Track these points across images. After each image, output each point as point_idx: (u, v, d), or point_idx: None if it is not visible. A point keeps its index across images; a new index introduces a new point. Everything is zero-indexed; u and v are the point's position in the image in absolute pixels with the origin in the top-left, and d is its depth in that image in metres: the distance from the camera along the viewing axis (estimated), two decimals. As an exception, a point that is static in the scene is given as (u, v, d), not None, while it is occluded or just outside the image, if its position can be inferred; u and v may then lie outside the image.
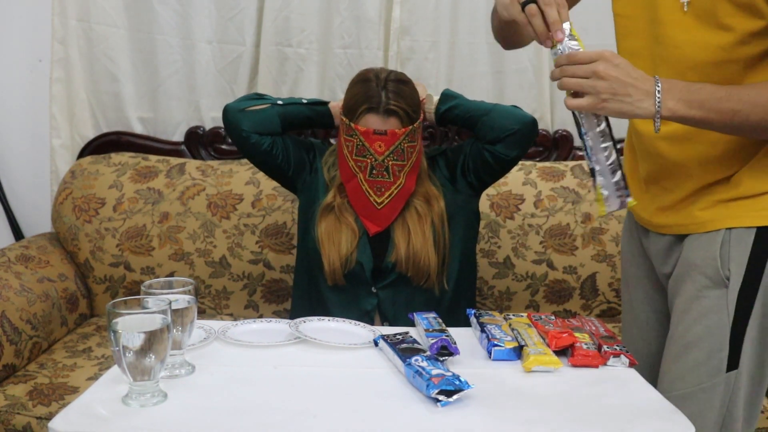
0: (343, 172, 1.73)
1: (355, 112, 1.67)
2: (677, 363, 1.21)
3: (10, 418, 1.70)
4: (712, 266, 1.18)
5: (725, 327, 1.16)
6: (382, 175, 1.67)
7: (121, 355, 1.00)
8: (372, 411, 1.05)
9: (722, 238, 1.18)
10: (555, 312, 2.21)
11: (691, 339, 1.19)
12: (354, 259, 1.71)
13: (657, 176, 1.29)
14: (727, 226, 1.18)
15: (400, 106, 1.65)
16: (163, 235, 2.21)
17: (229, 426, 0.99)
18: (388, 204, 1.69)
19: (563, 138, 2.37)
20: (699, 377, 1.18)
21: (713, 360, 1.17)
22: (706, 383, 1.17)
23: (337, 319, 1.42)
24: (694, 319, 1.20)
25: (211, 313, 2.24)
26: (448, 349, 1.23)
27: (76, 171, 2.30)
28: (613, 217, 2.21)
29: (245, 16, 2.33)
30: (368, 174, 1.67)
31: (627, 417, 1.04)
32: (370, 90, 1.67)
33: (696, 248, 1.22)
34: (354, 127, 1.65)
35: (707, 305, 1.18)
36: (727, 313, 1.17)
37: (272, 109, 1.77)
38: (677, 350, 1.22)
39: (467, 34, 2.34)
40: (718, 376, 1.17)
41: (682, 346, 1.20)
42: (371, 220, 1.71)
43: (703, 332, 1.18)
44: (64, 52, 2.34)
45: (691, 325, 1.20)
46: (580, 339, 1.26)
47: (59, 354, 1.95)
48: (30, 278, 2.02)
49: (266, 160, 1.79)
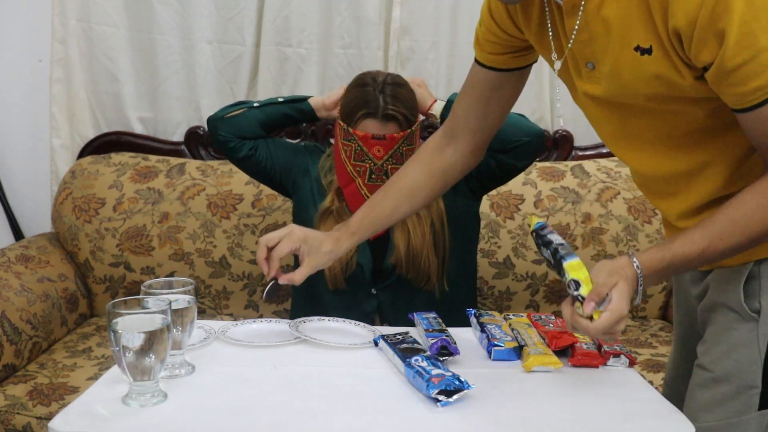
0: (340, 176, 1.72)
1: (353, 117, 1.66)
2: (704, 393, 1.16)
3: (10, 418, 1.70)
4: (736, 301, 1.14)
5: (757, 363, 1.11)
6: (381, 179, 1.65)
7: (121, 355, 1.00)
8: (372, 411, 1.05)
9: (749, 271, 1.13)
10: (555, 312, 2.21)
11: (720, 373, 1.14)
12: (354, 262, 1.71)
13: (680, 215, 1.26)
14: (755, 259, 1.13)
15: (398, 110, 1.65)
16: (163, 235, 2.21)
17: (229, 426, 0.99)
18: None
19: (563, 138, 2.38)
20: (726, 412, 1.13)
21: (743, 396, 1.12)
22: (733, 419, 1.12)
23: (337, 319, 1.42)
24: (723, 351, 1.15)
25: (211, 313, 2.24)
26: (448, 349, 1.23)
27: (76, 171, 2.30)
28: (613, 217, 2.21)
29: (245, 16, 2.33)
30: (367, 178, 1.67)
31: (627, 417, 1.04)
32: (368, 95, 1.67)
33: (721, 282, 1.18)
34: (352, 132, 1.65)
35: (737, 338, 1.13)
36: (758, 348, 1.12)
37: (249, 113, 1.78)
38: (704, 380, 1.17)
39: (467, 34, 2.33)
40: (748, 413, 1.12)
41: (710, 378, 1.16)
42: None
43: (732, 367, 1.13)
44: (64, 52, 2.34)
45: (719, 357, 1.15)
46: (580, 339, 1.26)
47: (59, 354, 1.95)
48: (30, 278, 2.02)
49: (250, 164, 1.81)
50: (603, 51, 1.09)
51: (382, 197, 1.41)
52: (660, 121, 1.12)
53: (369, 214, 1.40)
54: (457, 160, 1.38)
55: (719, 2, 0.93)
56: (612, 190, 2.25)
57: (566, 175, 2.27)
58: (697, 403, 1.17)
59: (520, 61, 1.29)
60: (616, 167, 2.30)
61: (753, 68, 0.96)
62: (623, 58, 1.06)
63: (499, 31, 1.25)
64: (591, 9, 1.07)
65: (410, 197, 1.39)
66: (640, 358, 1.93)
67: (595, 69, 1.12)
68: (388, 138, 1.64)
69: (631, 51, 1.05)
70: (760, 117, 1.00)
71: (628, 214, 2.22)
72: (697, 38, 0.97)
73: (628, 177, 2.26)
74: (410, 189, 1.39)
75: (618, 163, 2.32)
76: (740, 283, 1.13)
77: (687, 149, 1.13)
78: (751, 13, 0.93)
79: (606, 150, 2.38)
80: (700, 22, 0.95)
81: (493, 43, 1.27)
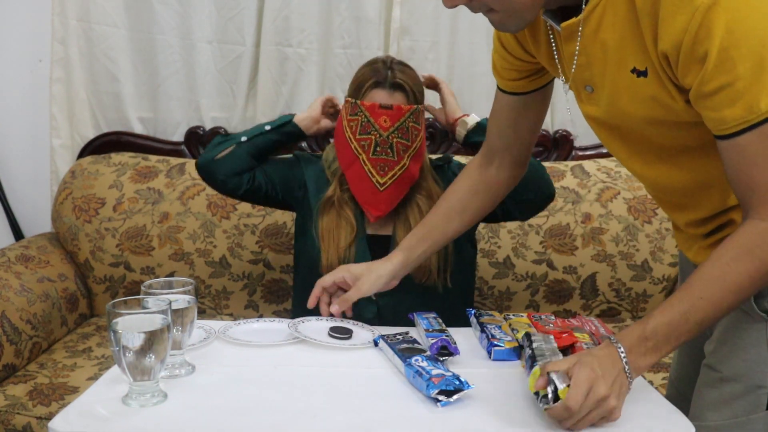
0: (342, 158, 1.72)
1: (361, 89, 1.69)
2: (711, 393, 1.16)
3: (10, 418, 1.70)
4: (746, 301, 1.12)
5: (766, 362, 1.11)
6: (386, 152, 1.66)
7: (121, 355, 1.00)
8: (372, 411, 1.05)
9: None
10: (555, 312, 2.21)
11: (729, 373, 1.14)
12: (352, 255, 1.71)
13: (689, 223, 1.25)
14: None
15: (406, 81, 1.68)
16: (163, 235, 2.21)
17: (229, 426, 0.99)
18: (391, 185, 1.68)
19: (563, 138, 2.38)
20: (734, 411, 1.13)
21: (751, 395, 1.12)
22: (741, 418, 1.12)
23: (335, 320, 1.42)
24: (731, 351, 1.15)
25: (211, 313, 2.24)
26: (448, 349, 1.23)
27: (76, 171, 2.30)
28: (613, 217, 2.21)
29: (245, 16, 2.33)
30: (372, 152, 1.67)
31: (627, 417, 1.04)
32: (377, 68, 1.71)
33: None
34: (359, 103, 1.67)
35: (746, 338, 1.13)
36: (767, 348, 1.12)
37: (239, 149, 1.78)
38: (712, 380, 1.17)
39: (467, 34, 2.35)
40: (756, 412, 1.12)
41: (718, 378, 1.15)
42: (372, 204, 1.70)
43: (741, 367, 1.13)
44: (64, 52, 2.34)
45: (728, 357, 1.15)
46: (580, 339, 1.25)
47: (59, 354, 1.96)
48: (30, 278, 2.02)
49: (252, 195, 1.81)
50: (601, 74, 1.10)
51: (432, 215, 1.46)
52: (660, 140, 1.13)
53: (420, 231, 1.45)
54: (502, 175, 1.43)
55: (702, 27, 0.94)
56: (612, 190, 2.25)
57: (566, 175, 2.27)
58: (705, 403, 1.17)
59: (540, 82, 1.32)
60: (616, 167, 2.30)
61: (729, 95, 0.96)
62: (621, 80, 1.07)
63: (510, 57, 1.28)
64: (588, 33, 1.08)
65: (461, 213, 1.44)
66: (640, 358, 1.93)
67: (594, 92, 1.13)
68: (395, 108, 1.65)
69: (628, 73, 1.06)
70: (735, 147, 1.00)
71: (628, 214, 2.22)
72: (683, 62, 0.98)
73: (628, 177, 2.26)
74: (461, 205, 1.44)
75: (618, 163, 2.31)
76: None
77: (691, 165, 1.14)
78: (732, 40, 0.94)
79: (606, 150, 2.38)
80: (685, 47, 0.96)
81: (509, 70, 1.31)
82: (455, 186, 1.47)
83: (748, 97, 0.95)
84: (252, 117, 2.40)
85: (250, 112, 2.41)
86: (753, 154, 0.99)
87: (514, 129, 1.38)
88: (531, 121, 1.38)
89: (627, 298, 2.23)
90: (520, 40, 1.25)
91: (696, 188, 1.16)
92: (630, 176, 2.25)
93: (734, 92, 0.96)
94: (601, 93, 1.12)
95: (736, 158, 1.01)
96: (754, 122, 0.97)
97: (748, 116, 0.96)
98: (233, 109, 2.40)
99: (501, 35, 1.28)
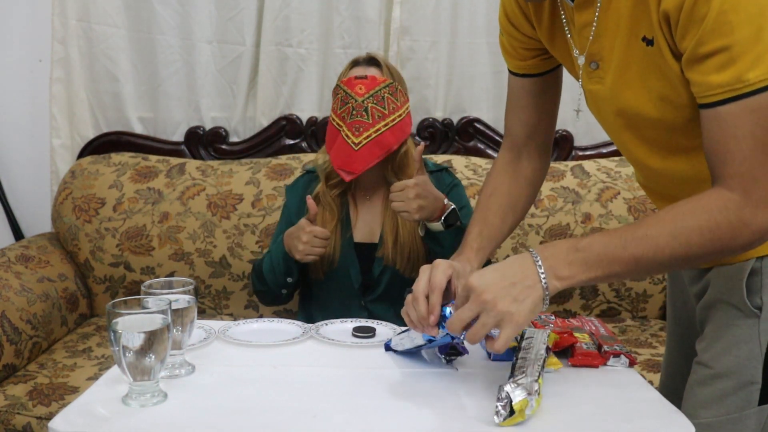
0: (328, 138, 1.77)
1: (344, 75, 1.77)
2: (703, 390, 1.17)
3: (10, 418, 1.70)
4: (739, 297, 1.13)
5: (757, 358, 1.11)
6: (360, 114, 1.70)
7: (121, 355, 1.00)
8: (372, 411, 1.05)
9: (751, 267, 1.13)
10: (555, 312, 2.21)
11: (720, 369, 1.14)
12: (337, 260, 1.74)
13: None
14: (757, 255, 1.12)
15: (383, 60, 1.77)
16: (163, 235, 2.21)
17: (229, 426, 0.99)
18: (365, 146, 1.69)
19: (563, 138, 2.37)
20: (726, 407, 1.13)
21: (743, 391, 1.13)
22: (733, 414, 1.12)
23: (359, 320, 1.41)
24: (723, 348, 1.15)
25: (211, 313, 2.24)
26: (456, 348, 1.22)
27: (76, 171, 2.30)
28: (613, 217, 2.21)
29: (245, 16, 2.33)
30: (349, 117, 1.71)
31: (627, 417, 1.04)
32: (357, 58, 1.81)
33: (723, 279, 1.17)
34: (339, 83, 1.74)
35: (738, 335, 1.13)
36: (759, 344, 1.12)
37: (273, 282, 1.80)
38: (704, 377, 1.17)
39: (467, 34, 2.35)
40: (748, 408, 1.12)
41: (710, 374, 1.16)
42: (347, 165, 1.70)
43: (733, 363, 1.13)
44: (64, 52, 2.34)
45: (720, 353, 1.15)
46: (580, 339, 1.26)
47: (59, 354, 1.96)
48: (30, 278, 2.02)
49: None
50: (610, 47, 1.09)
51: (489, 215, 1.41)
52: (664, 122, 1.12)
53: (483, 230, 1.40)
54: (534, 165, 1.42)
55: None
56: (612, 190, 2.25)
57: (566, 175, 2.27)
58: (697, 400, 1.17)
59: (551, 63, 1.30)
60: (616, 167, 2.30)
61: (721, 59, 0.95)
62: (632, 50, 1.06)
63: (518, 33, 1.27)
64: (603, 3, 1.07)
65: (513, 207, 1.42)
66: (640, 358, 1.93)
67: (599, 68, 1.12)
68: (370, 78, 1.72)
69: (639, 42, 1.05)
70: (716, 117, 0.99)
71: (628, 214, 2.22)
72: (682, 23, 0.97)
73: (628, 177, 2.26)
74: (510, 201, 1.42)
75: (618, 163, 2.32)
76: (743, 279, 1.13)
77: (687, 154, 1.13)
78: (731, 3, 0.93)
79: (606, 150, 2.38)
80: (686, 7, 0.96)
81: (519, 49, 1.29)
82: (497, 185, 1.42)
83: (739, 65, 0.95)
84: (252, 117, 2.41)
85: (250, 112, 2.41)
86: (732, 126, 0.98)
87: (535, 113, 1.36)
88: (549, 105, 1.37)
89: (627, 298, 2.23)
90: (526, 12, 1.24)
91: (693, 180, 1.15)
92: (630, 176, 2.25)
93: (726, 58, 0.95)
94: (608, 67, 1.11)
95: (716, 128, 1.00)
96: (739, 92, 0.96)
97: (735, 84, 0.96)
98: (233, 109, 2.40)
99: (508, 10, 1.27)
